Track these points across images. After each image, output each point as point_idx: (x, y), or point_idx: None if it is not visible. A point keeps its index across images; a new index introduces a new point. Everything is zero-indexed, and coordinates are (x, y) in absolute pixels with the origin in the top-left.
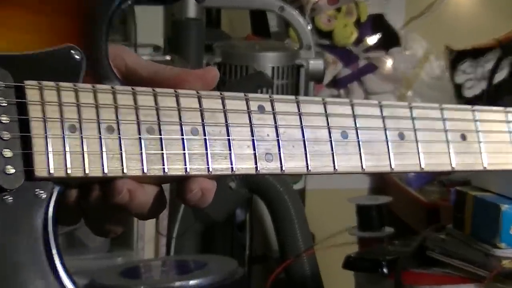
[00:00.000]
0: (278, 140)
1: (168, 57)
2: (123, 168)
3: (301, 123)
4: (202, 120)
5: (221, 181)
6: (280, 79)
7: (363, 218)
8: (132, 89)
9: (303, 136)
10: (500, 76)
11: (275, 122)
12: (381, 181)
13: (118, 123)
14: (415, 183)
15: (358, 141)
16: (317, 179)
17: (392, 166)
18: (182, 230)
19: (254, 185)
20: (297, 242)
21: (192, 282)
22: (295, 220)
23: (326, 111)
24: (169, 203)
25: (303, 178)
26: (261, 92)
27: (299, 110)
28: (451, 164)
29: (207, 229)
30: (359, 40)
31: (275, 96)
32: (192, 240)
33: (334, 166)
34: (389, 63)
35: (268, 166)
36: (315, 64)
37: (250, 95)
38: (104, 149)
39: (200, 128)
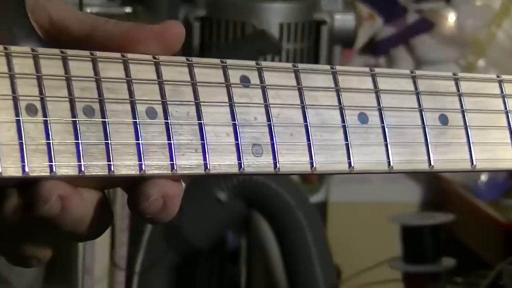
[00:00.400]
0: (270, 126)
1: (127, 9)
2: (51, 166)
3: (302, 102)
4: (162, 96)
5: (205, 190)
6: (291, 42)
7: (411, 245)
8: (61, 52)
9: (305, 120)
10: None
11: (266, 100)
12: (438, 193)
13: (43, 101)
14: (487, 195)
15: (383, 127)
16: (344, 188)
17: (432, 163)
18: (148, 262)
19: (253, 197)
20: (315, 279)
21: None
22: (312, 248)
23: (337, 84)
24: (130, 222)
25: (323, 187)
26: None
27: (298, 83)
28: None
29: (186, 261)
30: None
31: (264, 63)
32: (163, 277)
33: (350, 162)
34: (451, 18)
35: (256, 163)
36: (343, 20)
37: (230, 61)
38: (23, 138)
39: (159, 109)
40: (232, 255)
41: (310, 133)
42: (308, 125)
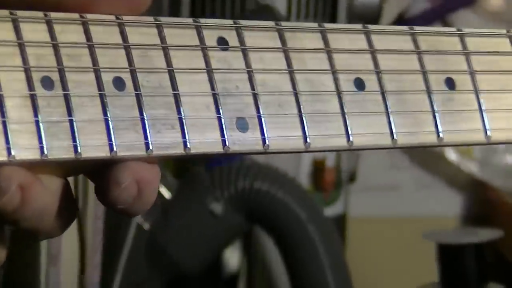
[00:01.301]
0: (254, 96)
1: None
2: (8, 149)
3: (290, 66)
4: (130, 64)
5: (196, 201)
6: (301, 19)
7: (450, 268)
8: (11, 13)
9: (294, 88)
10: None
11: (248, 66)
12: (482, 204)
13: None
14: None
15: (382, 93)
16: (367, 198)
17: (440, 135)
18: None
19: (255, 209)
20: None
21: None
22: (326, 271)
23: (328, 45)
24: (104, 240)
25: (341, 196)
26: None
27: (283, 44)
28: None
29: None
30: None
31: (243, 22)
32: None
33: (348, 136)
34: None
35: (242, 139)
36: None
37: (204, 20)
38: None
39: (127, 78)
40: (229, 280)
41: (300, 103)
42: (298, 93)
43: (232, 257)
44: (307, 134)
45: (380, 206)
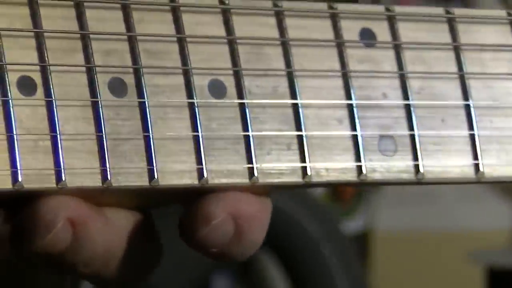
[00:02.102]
0: (408, 107)
1: None
2: (58, 172)
3: (462, 68)
4: (234, 62)
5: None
6: None
7: None
8: None
9: (467, 97)
10: None
11: (402, 67)
12: None
13: (44, 72)
14: None
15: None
16: (397, 210)
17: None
18: None
19: None
20: None
21: None
22: None
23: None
24: None
25: (362, 208)
26: None
27: (455, 39)
28: None
29: None
30: None
31: (398, 9)
32: None
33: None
34: None
35: (386, 166)
36: None
37: (341, 6)
38: (14, 128)
39: (228, 82)
40: None
41: (474, 118)
42: (471, 105)
43: (222, 284)
44: (480, 161)
45: (413, 218)
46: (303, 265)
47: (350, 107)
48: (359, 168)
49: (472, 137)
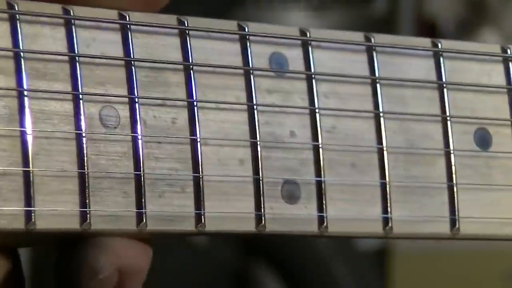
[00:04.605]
0: (316, 148)
1: None
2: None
3: (379, 106)
4: (130, 88)
5: None
6: None
7: None
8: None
9: (380, 141)
10: None
11: (313, 101)
12: None
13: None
14: None
15: None
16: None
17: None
18: None
19: (253, 239)
20: None
21: None
22: None
23: (441, 75)
24: None
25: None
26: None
27: (373, 71)
28: None
29: None
30: None
31: (314, 32)
32: None
33: (454, 222)
34: None
35: (288, 215)
36: None
37: (253, 25)
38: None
39: (122, 109)
40: None
41: (387, 165)
42: (385, 149)
43: None
44: (389, 214)
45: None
46: (311, 286)
47: (254, 146)
48: (259, 216)
49: (383, 186)
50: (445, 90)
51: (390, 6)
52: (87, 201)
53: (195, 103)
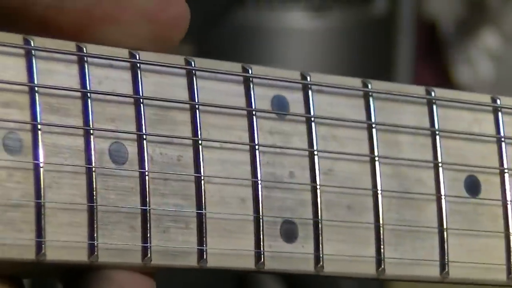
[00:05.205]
0: (314, 189)
1: None
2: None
3: (375, 151)
4: (139, 126)
5: None
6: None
7: None
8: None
9: (376, 185)
10: None
11: (312, 144)
12: None
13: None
14: None
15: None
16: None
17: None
18: None
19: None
20: None
21: None
22: None
23: (434, 123)
24: None
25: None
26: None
27: (369, 116)
28: None
29: None
30: None
31: (315, 76)
32: None
33: (444, 265)
34: None
35: (286, 253)
36: None
37: (257, 68)
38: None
39: (130, 147)
40: None
41: (381, 208)
42: (379, 192)
43: None
44: (382, 255)
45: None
46: (311, 286)
47: (255, 185)
48: (259, 254)
49: (377, 228)
50: (437, 137)
51: (390, 6)
52: (95, 234)
53: (200, 141)
